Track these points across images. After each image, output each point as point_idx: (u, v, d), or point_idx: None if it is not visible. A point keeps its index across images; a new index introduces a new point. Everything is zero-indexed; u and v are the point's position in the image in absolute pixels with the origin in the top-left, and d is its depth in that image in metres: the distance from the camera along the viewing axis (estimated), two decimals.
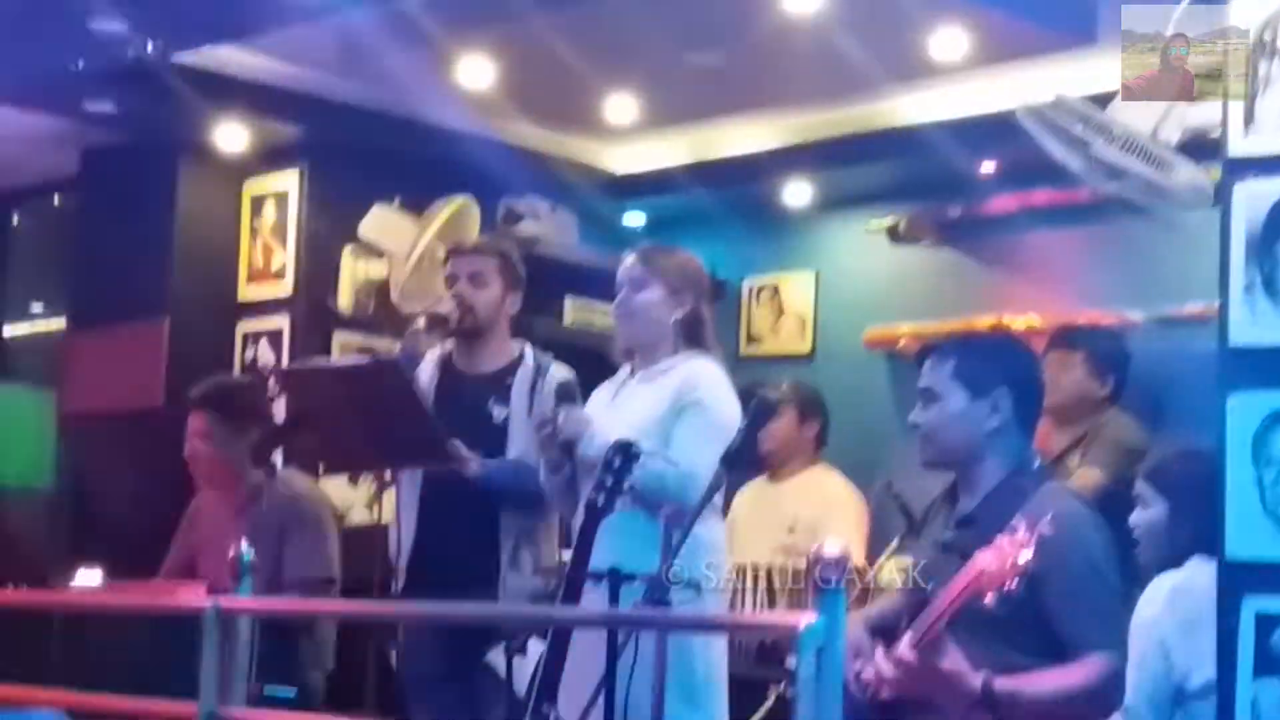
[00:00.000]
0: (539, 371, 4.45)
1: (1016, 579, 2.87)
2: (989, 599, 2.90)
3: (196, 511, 5.12)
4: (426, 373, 4.52)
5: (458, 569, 4.22)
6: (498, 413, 4.36)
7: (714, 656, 3.86)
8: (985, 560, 2.88)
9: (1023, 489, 3.30)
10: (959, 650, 2.98)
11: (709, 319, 4.13)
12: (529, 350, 4.53)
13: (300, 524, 4.84)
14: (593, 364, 4.44)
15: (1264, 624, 2.87)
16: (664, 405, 3.88)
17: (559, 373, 4.40)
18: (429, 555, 4.31)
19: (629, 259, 4.11)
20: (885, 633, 3.36)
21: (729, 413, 3.89)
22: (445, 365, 4.53)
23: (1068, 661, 3.14)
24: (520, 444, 4.34)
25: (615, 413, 3.99)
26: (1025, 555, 2.85)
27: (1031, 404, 3.44)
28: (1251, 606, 2.89)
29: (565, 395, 4.17)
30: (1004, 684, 3.02)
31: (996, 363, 3.41)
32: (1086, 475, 4.69)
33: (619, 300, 4.07)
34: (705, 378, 3.94)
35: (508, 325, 4.56)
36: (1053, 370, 5.06)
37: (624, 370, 4.16)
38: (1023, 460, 3.41)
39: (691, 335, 4.05)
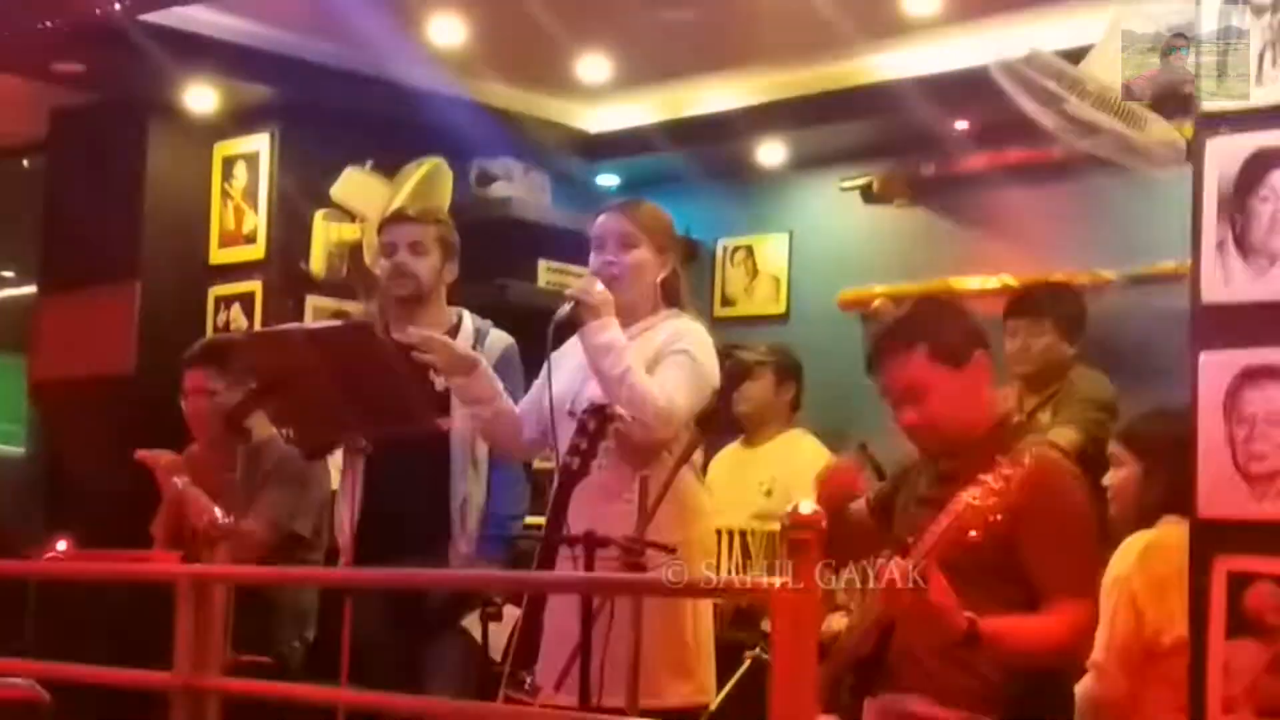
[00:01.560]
0: (478, 337, 4.42)
1: (1001, 513, 2.87)
2: (975, 534, 2.89)
3: (191, 461, 5.09)
4: None
5: (406, 536, 4.21)
6: (439, 381, 4.29)
7: (703, 624, 3.85)
8: (969, 495, 2.88)
9: (1003, 442, 3.30)
10: (948, 587, 2.98)
11: (684, 278, 4.11)
12: (467, 317, 4.50)
13: (285, 478, 4.83)
14: (565, 325, 4.41)
15: (1235, 583, 2.88)
16: (647, 358, 3.83)
17: (499, 338, 4.38)
18: (377, 526, 4.28)
19: (612, 215, 4.00)
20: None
21: (711, 369, 3.86)
22: (385, 335, 4.48)
23: (1042, 608, 3.14)
24: (465, 417, 4.29)
25: (590, 374, 3.95)
26: (1010, 488, 2.86)
27: (992, 357, 3.44)
28: (1223, 566, 2.89)
29: (506, 361, 4.15)
30: (989, 625, 3.01)
31: (960, 329, 3.39)
32: (1062, 434, 4.70)
33: (608, 260, 3.93)
34: (691, 333, 3.91)
35: (444, 293, 4.54)
36: (1020, 339, 5.08)
37: None
38: (1005, 417, 3.43)
39: (671, 295, 4.02)
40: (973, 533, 2.89)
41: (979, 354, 3.34)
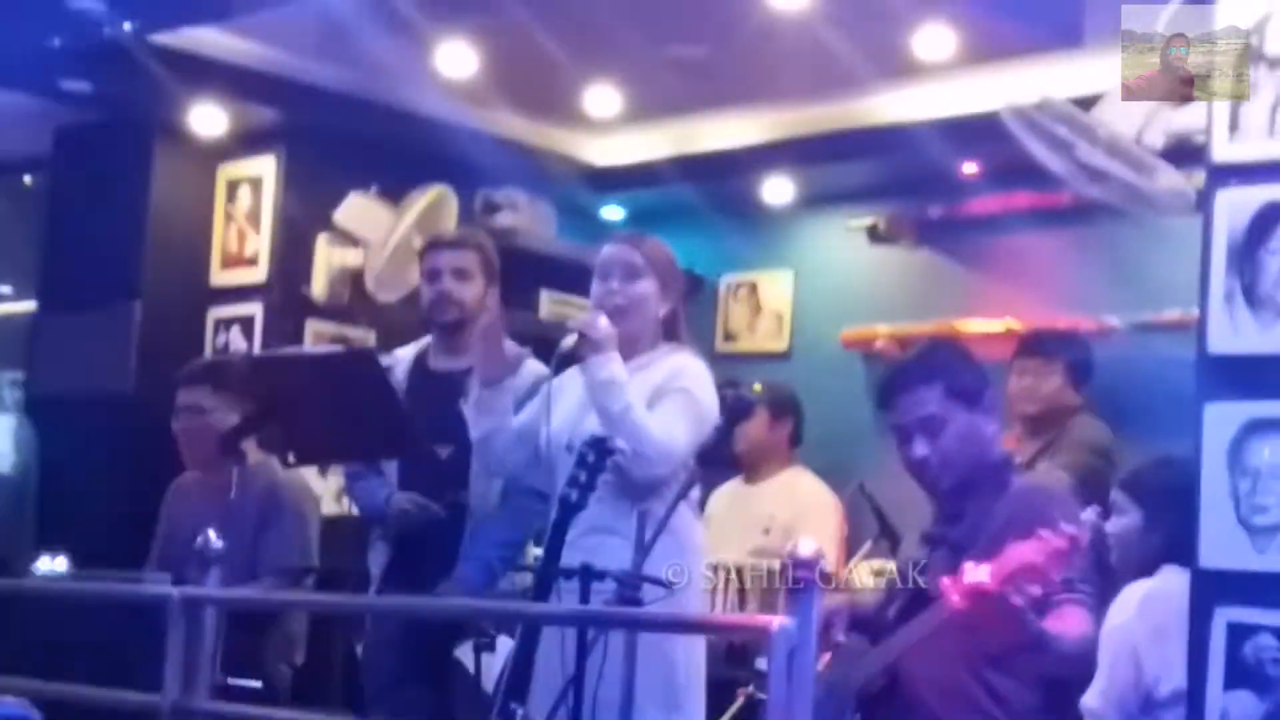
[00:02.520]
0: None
1: (1063, 573, 2.91)
2: (1035, 590, 2.91)
3: (176, 495, 5.08)
4: (400, 369, 4.45)
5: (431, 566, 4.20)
6: (468, 410, 4.28)
7: (694, 660, 3.82)
8: (1027, 553, 2.89)
9: (1004, 480, 3.35)
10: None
11: (683, 313, 4.10)
12: (507, 343, 4.47)
13: (279, 510, 4.80)
14: (567, 357, 4.38)
15: (1236, 634, 2.86)
16: (647, 395, 3.82)
17: (534, 368, 4.35)
18: (406, 556, 4.27)
19: (618, 246, 3.98)
20: (863, 624, 3.36)
21: (711, 406, 3.84)
22: (419, 362, 4.46)
23: (1049, 614, 3.13)
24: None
25: (590, 407, 3.93)
26: (1076, 548, 2.87)
27: (997, 395, 3.46)
28: (1223, 617, 2.88)
29: (534, 389, 4.12)
30: (1050, 626, 3.05)
31: (973, 371, 3.41)
32: (1050, 473, 4.68)
33: (613, 290, 3.91)
34: (691, 370, 3.90)
35: (486, 321, 4.47)
36: (1029, 379, 5.07)
37: None
38: (1007, 456, 3.45)
39: (671, 329, 4.01)
40: (1034, 590, 2.93)
41: (990, 395, 3.35)
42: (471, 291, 4.41)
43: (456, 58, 5.52)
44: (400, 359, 4.49)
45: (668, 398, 3.82)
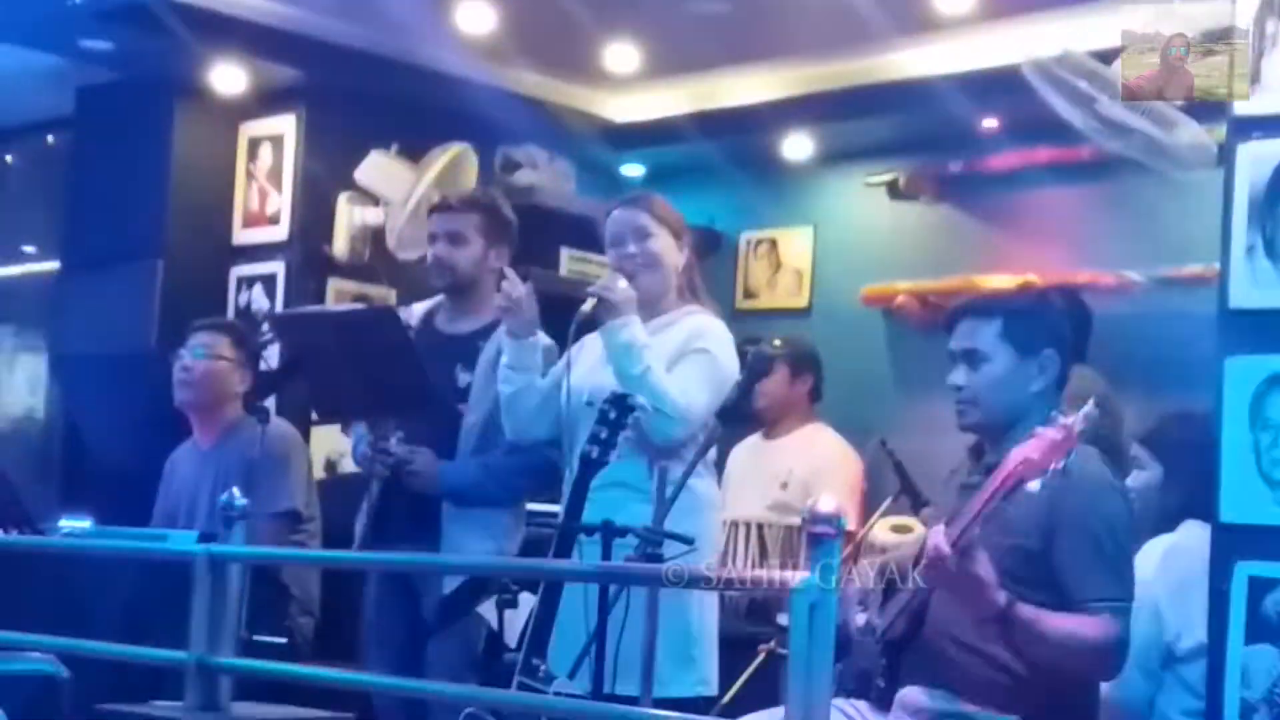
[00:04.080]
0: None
1: (1061, 461, 2.85)
2: (1033, 484, 2.88)
3: (173, 465, 5.11)
4: (411, 326, 4.45)
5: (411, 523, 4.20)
6: (462, 378, 4.26)
7: (707, 615, 3.85)
8: (1027, 449, 2.87)
9: None
10: (989, 563, 2.97)
11: (698, 269, 4.10)
12: (506, 284, 4.45)
13: (262, 459, 4.80)
14: (587, 321, 4.38)
15: (1256, 588, 2.87)
16: (668, 356, 3.84)
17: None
18: (388, 513, 4.27)
19: (625, 210, 3.99)
20: (888, 586, 3.35)
21: (731, 367, 3.86)
22: (426, 323, 4.44)
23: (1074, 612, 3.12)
24: (479, 411, 4.24)
25: (609, 365, 3.94)
26: (1070, 439, 2.84)
27: (1069, 364, 3.40)
28: (1244, 571, 2.89)
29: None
30: (1025, 610, 3.01)
31: (1043, 322, 3.36)
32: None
33: (629, 253, 3.92)
34: (712, 330, 3.92)
35: (493, 281, 4.38)
36: None
37: None
38: (1044, 408, 3.39)
39: (689, 286, 4.02)
40: (1032, 483, 2.87)
41: (1050, 353, 3.30)
42: (466, 254, 4.38)
43: (476, 15, 5.51)
44: (414, 314, 4.49)
45: (687, 359, 3.83)
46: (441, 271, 4.41)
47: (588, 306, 3.79)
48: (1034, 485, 2.89)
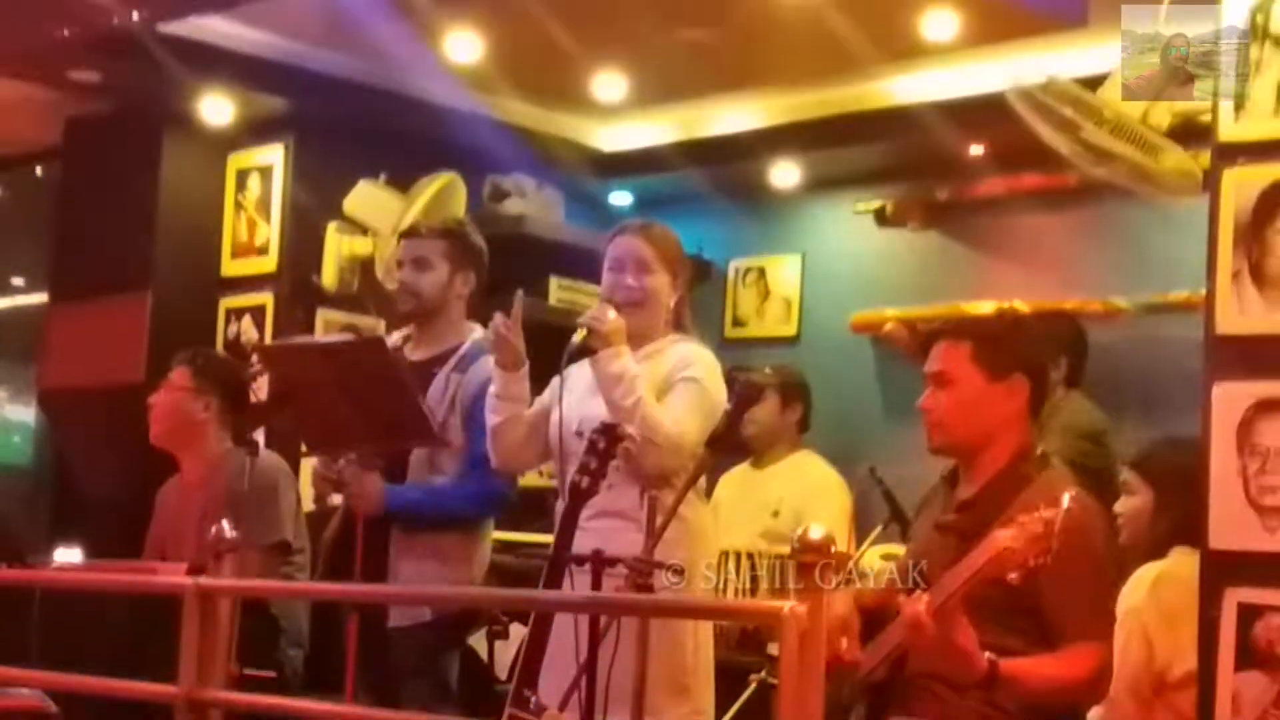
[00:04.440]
0: (460, 364, 4.34)
1: (1038, 558, 2.85)
2: (1013, 576, 2.88)
3: (162, 500, 5.09)
4: None
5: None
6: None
7: (703, 645, 3.84)
8: (1007, 537, 2.86)
9: (1025, 475, 3.29)
10: (970, 627, 2.96)
11: (688, 301, 4.11)
12: (472, 337, 4.42)
13: (250, 491, 4.79)
14: (577, 351, 4.38)
15: (1245, 615, 2.86)
16: (657, 385, 3.84)
17: (486, 366, 4.22)
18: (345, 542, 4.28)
19: (630, 237, 3.99)
20: (873, 617, 3.35)
21: (720, 395, 3.86)
22: (396, 352, 4.43)
23: (1058, 648, 3.13)
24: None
25: (599, 394, 3.94)
26: (1050, 533, 2.83)
27: (1042, 390, 3.41)
28: (1233, 597, 2.88)
29: (481, 397, 4.09)
30: (1008, 668, 3.01)
31: (1013, 347, 3.38)
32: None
33: (628, 285, 3.92)
34: (700, 359, 3.92)
35: (462, 308, 4.45)
36: None
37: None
38: (1028, 447, 3.38)
39: (678, 318, 4.03)
40: (1011, 576, 2.88)
41: (1019, 378, 3.31)
42: (430, 280, 4.40)
43: (463, 44, 5.52)
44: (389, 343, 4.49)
45: (677, 388, 3.84)
46: (405, 296, 4.43)
47: (578, 337, 3.80)
48: (1013, 577, 2.89)
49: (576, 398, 3.89)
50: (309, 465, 5.18)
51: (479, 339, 4.42)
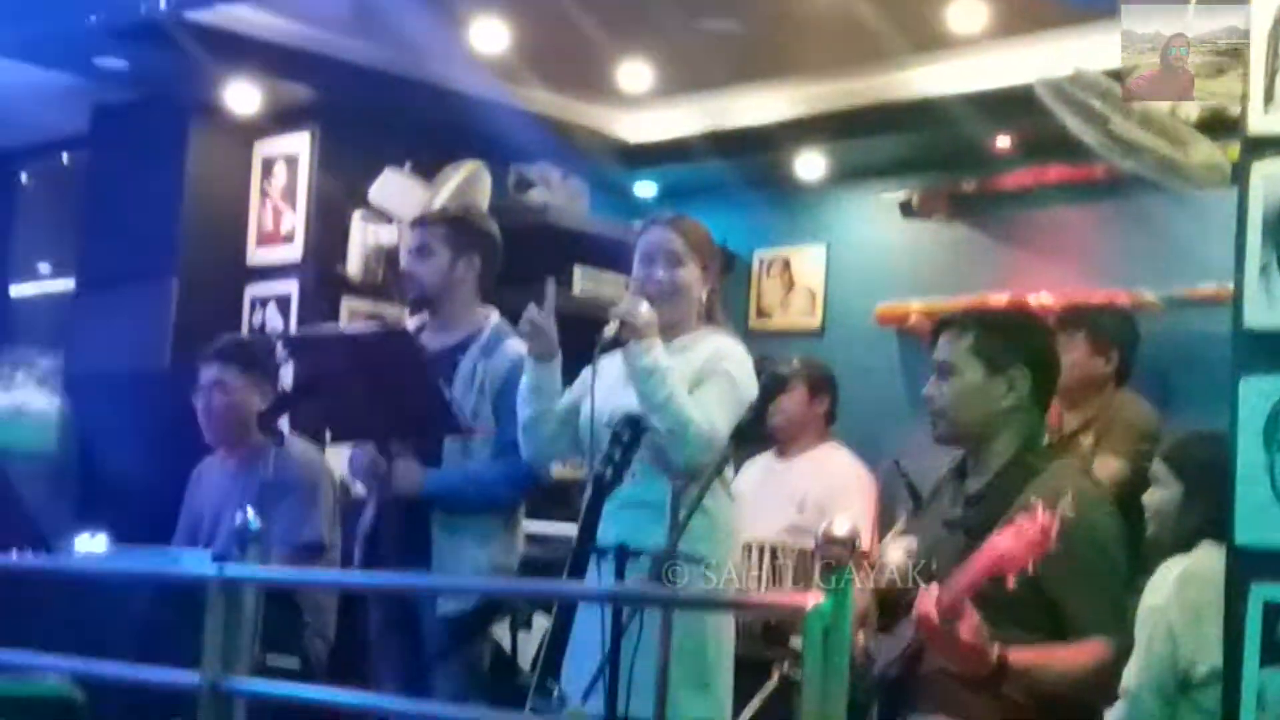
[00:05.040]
0: (485, 349, 4.36)
1: (1035, 561, 2.85)
2: (1010, 582, 2.88)
3: (199, 477, 5.12)
4: None
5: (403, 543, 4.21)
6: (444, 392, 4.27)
7: (724, 639, 3.84)
8: (1005, 542, 2.86)
9: (1032, 467, 3.29)
10: (980, 624, 2.96)
11: (720, 293, 4.11)
12: (491, 322, 4.44)
13: (289, 486, 4.81)
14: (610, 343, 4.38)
15: (1271, 612, 2.85)
16: (689, 378, 3.84)
17: (511, 349, 4.28)
18: (384, 533, 4.29)
19: (661, 229, 4.00)
20: (888, 607, 3.35)
21: (750, 389, 3.85)
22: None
23: (1069, 642, 3.13)
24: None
25: (630, 385, 3.94)
26: (1047, 538, 2.83)
27: (1048, 383, 3.41)
28: (1259, 595, 2.86)
29: (511, 373, 4.10)
30: (1018, 661, 3.01)
31: (1016, 340, 3.39)
32: (1105, 464, 4.66)
33: (658, 277, 3.93)
34: (732, 352, 3.92)
35: (470, 293, 4.44)
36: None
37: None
38: (1034, 439, 3.38)
39: (709, 311, 4.03)
40: (1009, 581, 2.88)
41: (1020, 371, 3.31)
42: (430, 266, 4.41)
43: (490, 33, 5.52)
44: None
45: (709, 381, 3.84)
46: (408, 285, 4.44)
47: (610, 329, 3.80)
48: (1013, 582, 2.89)
49: (607, 390, 3.89)
50: (331, 455, 5.21)
51: (499, 323, 4.43)
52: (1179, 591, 3.35)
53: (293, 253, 6.15)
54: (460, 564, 4.20)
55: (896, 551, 4.76)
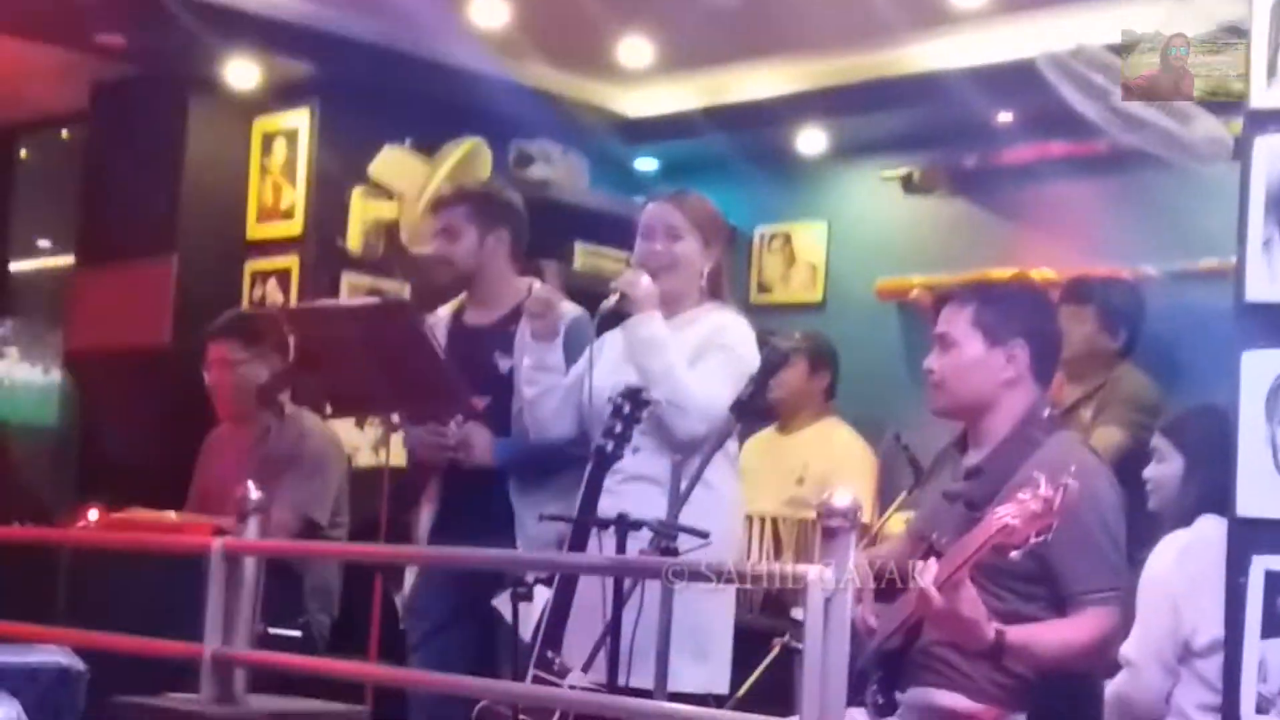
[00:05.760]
0: None
1: (1039, 535, 2.85)
2: (1013, 554, 2.88)
3: (209, 448, 5.13)
4: (441, 327, 4.42)
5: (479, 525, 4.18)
6: (503, 364, 4.26)
7: (723, 610, 3.85)
8: (1008, 515, 2.85)
9: (1033, 440, 3.28)
10: (977, 599, 2.97)
11: (726, 270, 4.11)
12: (535, 289, 4.44)
13: (300, 462, 4.83)
14: (610, 316, 4.37)
15: (1273, 583, 2.85)
16: (690, 352, 3.84)
17: (568, 312, 4.25)
18: (453, 516, 4.28)
19: (661, 205, 4.01)
20: (886, 579, 3.35)
21: (752, 364, 3.83)
22: (456, 318, 4.46)
23: (1068, 613, 3.13)
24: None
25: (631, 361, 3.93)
26: (1049, 511, 2.82)
27: (1048, 356, 3.40)
28: (1260, 565, 2.87)
29: (574, 338, 4.09)
30: (1015, 636, 3.01)
31: (1015, 312, 3.37)
32: (1104, 435, 4.66)
33: (655, 250, 3.94)
34: (734, 327, 3.93)
35: (506, 266, 4.43)
36: (1064, 324, 5.03)
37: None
38: (1034, 411, 3.37)
39: (715, 287, 4.02)
40: (1014, 554, 2.88)
41: (1019, 343, 3.31)
42: (460, 247, 4.39)
43: (490, 9, 5.51)
44: (440, 317, 4.49)
45: (709, 354, 3.84)
46: (441, 268, 4.42)
47: (610, 302, 3.80)
48: (1015, 555, 2.89)
49: (609, 365, 3.89)
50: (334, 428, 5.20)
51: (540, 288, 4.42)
52: (1181, 562, 3.35)
53: (293, 228, 6.15)
54: (544, 530, 4.17)
55: (899, 525, 4.79)
